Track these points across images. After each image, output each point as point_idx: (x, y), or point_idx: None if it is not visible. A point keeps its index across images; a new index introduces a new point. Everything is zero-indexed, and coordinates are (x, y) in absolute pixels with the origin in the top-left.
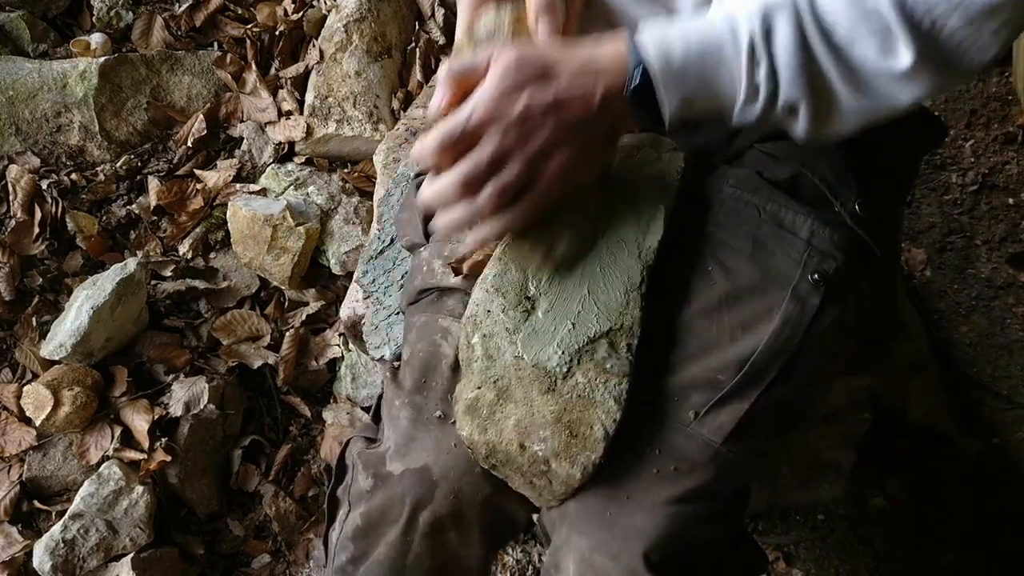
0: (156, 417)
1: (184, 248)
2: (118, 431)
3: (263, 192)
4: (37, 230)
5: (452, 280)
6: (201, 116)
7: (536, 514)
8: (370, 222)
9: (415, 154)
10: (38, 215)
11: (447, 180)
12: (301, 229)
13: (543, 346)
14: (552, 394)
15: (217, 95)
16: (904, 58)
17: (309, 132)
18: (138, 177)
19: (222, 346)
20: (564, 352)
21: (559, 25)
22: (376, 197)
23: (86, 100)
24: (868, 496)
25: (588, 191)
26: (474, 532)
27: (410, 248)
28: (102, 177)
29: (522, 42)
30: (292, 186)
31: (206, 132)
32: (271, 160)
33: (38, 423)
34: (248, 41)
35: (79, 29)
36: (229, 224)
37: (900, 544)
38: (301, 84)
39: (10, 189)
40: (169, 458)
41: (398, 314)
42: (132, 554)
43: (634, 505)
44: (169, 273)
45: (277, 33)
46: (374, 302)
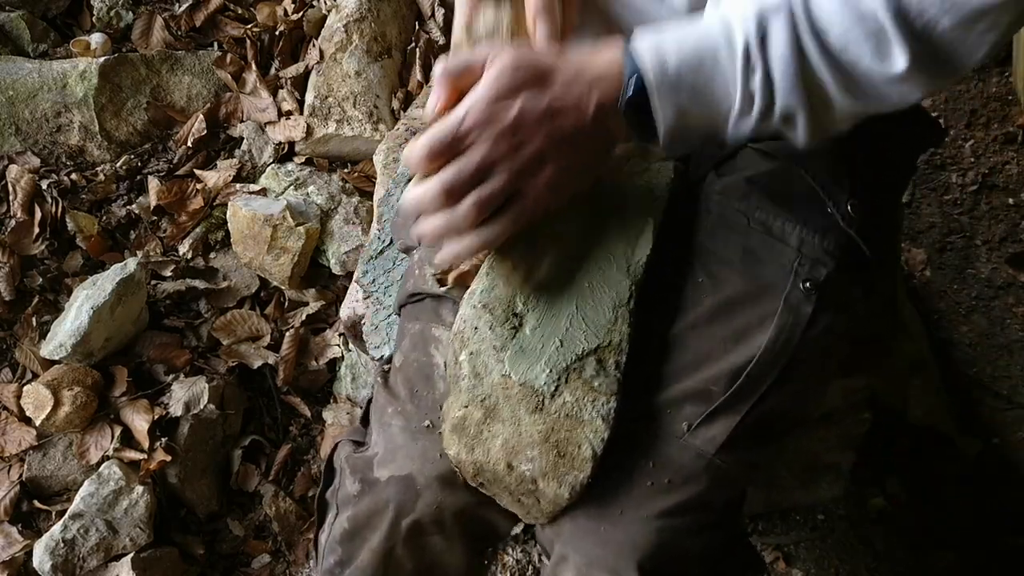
0: (156, 417)
1: (184, 248)
2: (118, 431)
3: (263, 192)
4: (37, 230)
5: (440, 289)
6: (201, 116)
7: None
8: (370, 222)
9: (405, 156)
10: (38, 215)
11: (429, 186)
12: (301, 229)
13: (531, 364)
14: (540, 413)
15: (217, 95)
16: (899, 61)
17: (309, 132)
18: (138, 177)
19: (222, 346)
20: (552, 370)
21: (557, 27)
22: (376, 197)
23: (86, 100)
24: (868, 496)
25: (578, 205)
26: (456, 539)
27: (404, 251)
28: (102, 177)
29: (520, 44)
30: (292, 186)
31: (206, 132)
32: (271, 160)
33: (38, 423)
34: (248, 41)
35: (79, 29)
36: (229, 224)
37: (900, 544)
38: (301, 84)
39: (10, 189)
40: (169, 458)
41: (398, 314)
42: (132, 554)
43: (628, 519)
44: (169, 273)
45: (277, 33)
46: (374, 302)
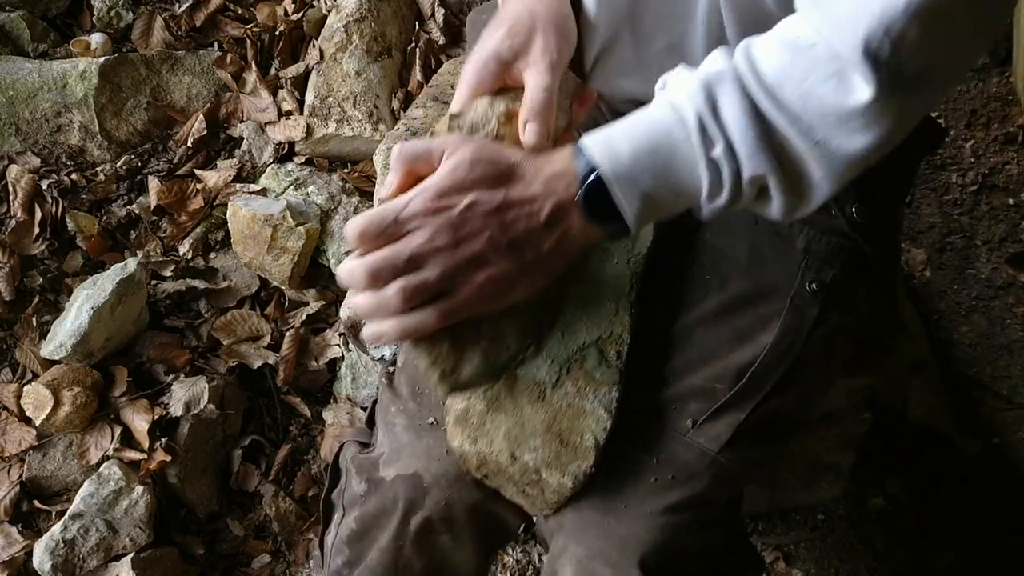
0: (156, 417)
1: (184, 248)
2: (118, 431)
3: (263, 192)
4: (37, 230)
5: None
6: (201, 116)
7: (528, 521)
8: None
9: (345, 229)
10: (38, 215)
11: (357, 264)
12: (301, 229)
13: (532, 356)
14: (542, 403)
15: (217, 95)
16: (864, 93)
17: (309, 132)
18: (138, 177)
19: (222, 346)
20: (553, 361)
21: (548, 132)
22: (376, 197)
23: (86, 100)
24: (868, 496)
25: (527, 309)
26: (465, 537)
27: None
28: (102, 177)
29: (500, 140)
30: (292, 186)
31: (206, 132)
32: (271, 160)
33: (38, 423)
34: (248, 41)
35: (79, 29)
36: (229, 224)
37: (900, 544)
38: (301, 84)
39: (10, 189)
40: (169, 458)
41: None
42: (132, 554)
43: (631, 514)
44: (169, 273)
45: (277, 33)
46: None
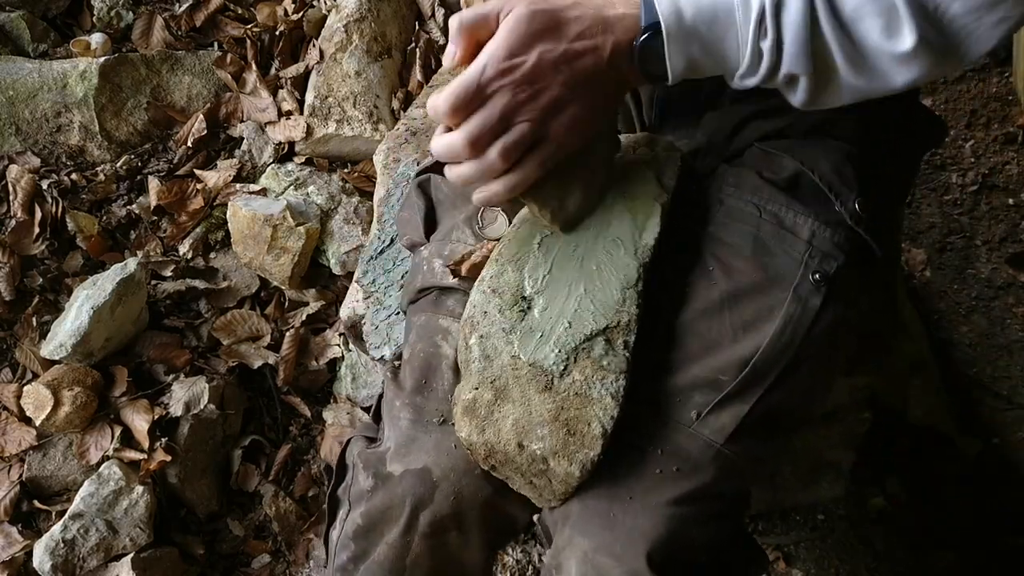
0: (156, 417)
1: (184, 248)
2: (118, 431)
3: (263, 192)
4: (37, 230)
5: (452, 280)
6: (201, 116)
7: (536, 515)
8: (370, 222)
9: (429, 108)
10: (38, 215)
11: (455, 137)
12: (301, 229)
13: (540, 345)
14: (549, 392)
15: (217, 95)
16: (907, 40)
17: (309, 132)
18: (138, 177)
19: (222, 346)
20: (561, 350)
21: None
22: (376, 197)
23: (86, 100)
24: (868, 496)
25: (595, 147)
26: (474, 533)
27: (410, 247)
28: (102, 177)
29: None
30: (292, 186)
31: (206, 132)
32: (271, 160)
33: (38, 423)
34: (248, 41)
35: (79, 29)
36: (229, 224)
37: (900, 544)
38: (301, 84)
39: (10, 189)
40: (169, 458)
41: (398, 314)
42: (132, 554)
43: (637, 506)
44: (169, 273)
45: (277, 33)
46: (374, 302)
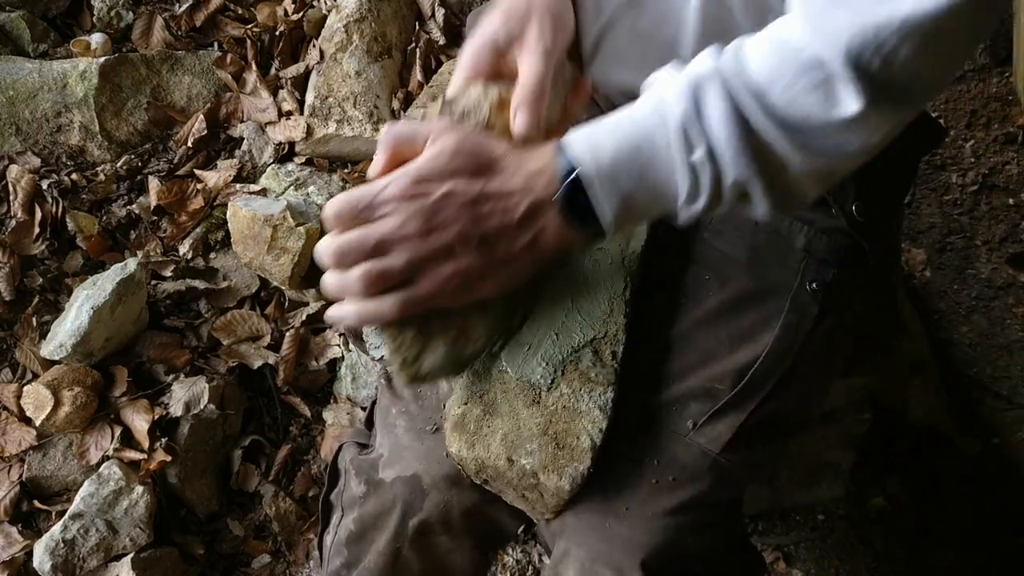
0: (156, 417)
1: (184, 248)
2: (118, 431)
3: (263, 192)
4: (37, 230)
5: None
6: (201, 116)
7: (526, 524)
8: None
9: (324, 210)
10: (38, 215)
11: (327, 242)
12: (301, 229)
13: (527, 359)
14: (537, 406)
15: (217, 95)
16: (851, 106)
17: (309, 132)
18: (138, 177)
19: (222, 346)
20: (548, 364)
21: (539, 121)
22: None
23: (86, 100)
24: (868, 496)
25: (485, 309)
26: (463, 539)
27: None
28: (102, 177)
29: (490, 127)
30: (292, 186)
31: (206, 132)
32: (271, 160)
33: (38, 423)
34: (248, 41)
35: (79, 29)
36: (229, 224)
37: (900, 544)
38: (301, 84)
39: (10, 189)
40: (169, 458)
41: None
42: (132, 554)
43: (633, 516)
44: (169, 273)
45: (277, 33)
46: None
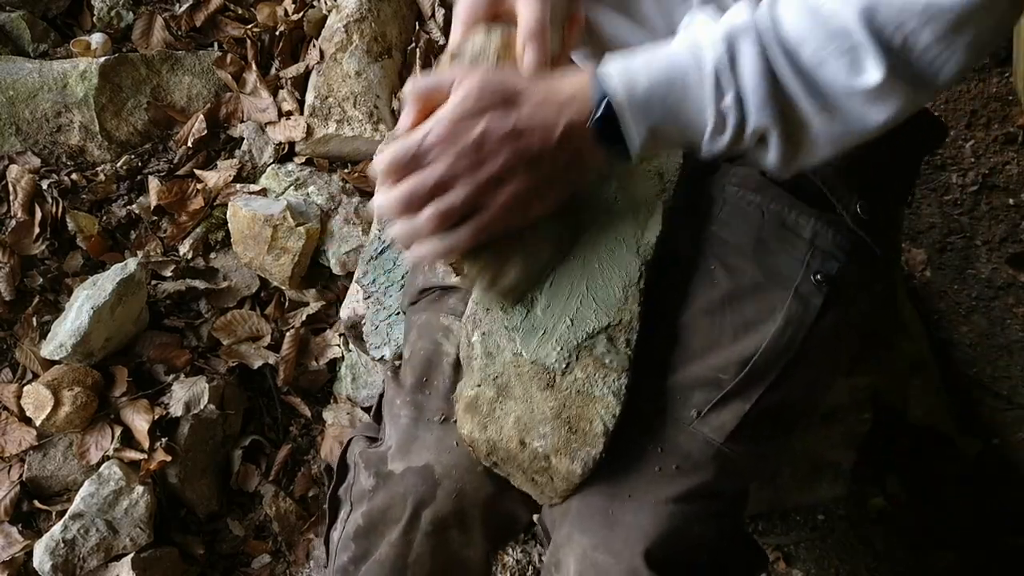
0: (156, 417)
1: (184, 248)
2: (118, 431)
3: (263, 192)
4: (37, 230)
5: (454, 279)
6: (201, 116)
7: (537, 514)
8: (370, 222)
9: (372, 166)
10: (38, 215)
11: (391, 195)
12: (301, 229)
13: (542, 343)
14: (551, 390)
15: (217, 95)
16: (874, 75)
17: (309, 132)
18: (138, 177)
19: (222, 346)
20: (563, 348)
21: (546, 55)
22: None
23: (86, 100)
24: (868, 496)
25: (556, 220)
26: (476, 531)
27: None
28: (102, 177)
29: (500, 68)
30: (292, 186)
31: (206, 132)
32: (271, 160)
33: (38, 423)
34: (248, 41)
35: (79, 29)
36: (229, 224)
37: (900, 544)
38: (301, 84)
39: (10, 189)
40: (169, 458)
41: (398, 314)
42: (132, 554)
43: (636, 503)
44: (169, 273)
45: (277, 33)
46: (374, 302)
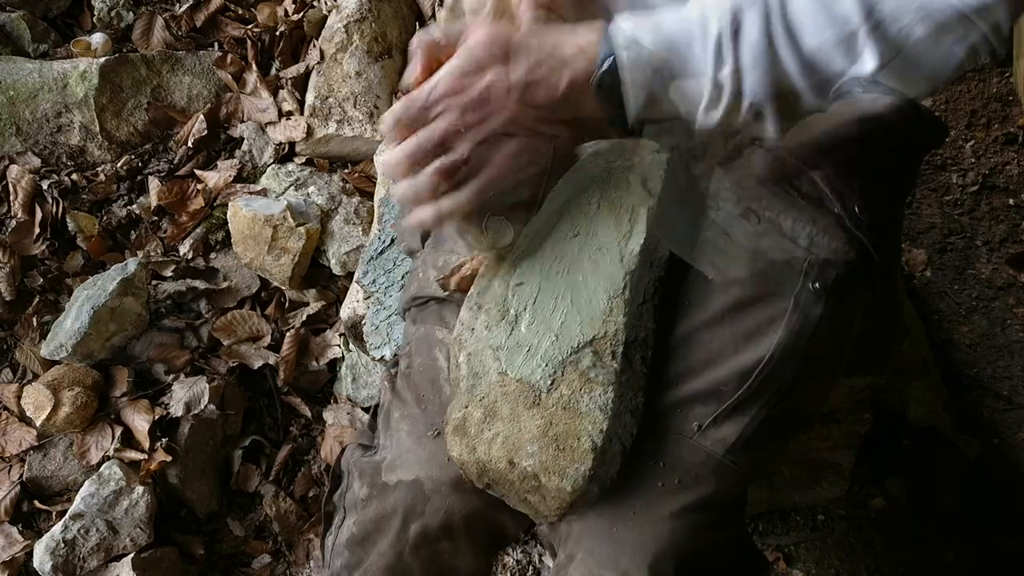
0: (156, 417)
1: (184, 248)
2: (118, 431)
3: (263, 192)
4: (38, 230)
5: (444, 292)
6: (201, 116)
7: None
8: (370, 222)
9: (382, 124)
10: (39, 215)
11: (396, 152)
12: (301, 229)
13: (526, 360)
14: (537, 408)
15: (217, 95)
16: (868, 64)
17: (309, 132)
18: (138, 177)
19: (222, 346)
20: (548, 364)
21: (543, 6)
22: (376, 197)
23: (87, 100)
24: (868, 496)
25: (541, 183)
26: (464, 544)
27: (408, 253)
28: (102, 177)
29: (500, 21)
30: (292, 186)
31: (206, 132)
32: (271, 160)
33: (38, 423)
34: (248, 41)
35: (80, 29)
36: (229, 224)
37: (900, 544)
38: (301, 84)
39: (11, 189)
40: (169, 458)
41: (398, 314)
42: (132, 554)
43: (639, 519)
44: (169, 273)
45: (277, 33)
46: (374, 302)
